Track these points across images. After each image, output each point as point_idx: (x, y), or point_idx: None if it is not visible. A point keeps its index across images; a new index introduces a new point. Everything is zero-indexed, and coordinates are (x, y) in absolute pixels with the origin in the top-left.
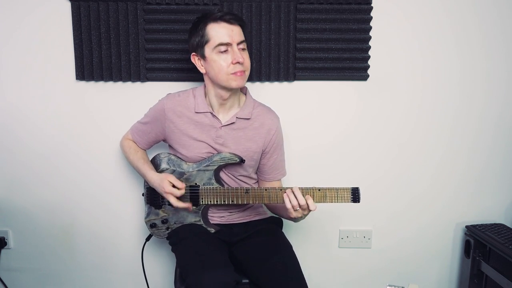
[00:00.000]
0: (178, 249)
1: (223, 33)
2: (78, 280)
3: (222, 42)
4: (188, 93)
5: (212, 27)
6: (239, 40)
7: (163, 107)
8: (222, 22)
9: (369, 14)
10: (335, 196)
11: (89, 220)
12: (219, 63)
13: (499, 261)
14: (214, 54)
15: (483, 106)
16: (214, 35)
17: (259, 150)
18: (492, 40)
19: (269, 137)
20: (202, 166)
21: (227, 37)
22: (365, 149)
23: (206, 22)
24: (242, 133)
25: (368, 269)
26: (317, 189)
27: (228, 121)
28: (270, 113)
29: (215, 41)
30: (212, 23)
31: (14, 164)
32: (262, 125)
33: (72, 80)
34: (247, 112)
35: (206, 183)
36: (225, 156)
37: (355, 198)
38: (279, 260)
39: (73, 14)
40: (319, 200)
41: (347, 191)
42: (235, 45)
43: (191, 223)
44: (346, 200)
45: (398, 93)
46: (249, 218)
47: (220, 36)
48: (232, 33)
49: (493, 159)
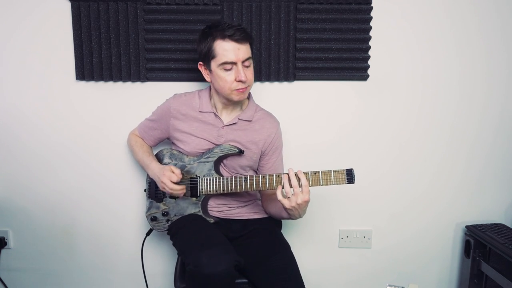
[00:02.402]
0: (178, 238)
1: (230, 52)
2: (78, 280)
3: (227, 61)
4: (194, 94)
5: (220, 44)
6: (245, 58)
7: (169, 106)
8: (230, 41)
9: (369, 14)
10: (329, 179)
11: (89, 220)
12: (224, 79)
13: (499, 261)
14: (219, 70)
15: (483, 106)
16: (220, 52)
17: (258, 151)
18: (492, 40)
19: (268, 139)
20: (202, 158)
21: (233, 56)
22: (365, 149)
23: (214, 36)
24: (243, 134)
25: (368, 269)
26: (313, 172)
27: (230, 122)
28: (271, 117)
29: (221, 59)
30: (220, 40)
31: (14, 164)
32: (262, 128)
33: (72, 80)
34: (249, 115)
35: (207, 174)
36: (224, 147)
37: (350, 179)
38: (277, 261)
39: (73, 14)
40: (315, 183)
41: (342, 172)
42: (240, 63)
43: (190, 214)
44: (341, 181)
45: (398, 93)
46: (248, 216)
47: (226, 55)
48: (238, 52)
49: (493, 159)
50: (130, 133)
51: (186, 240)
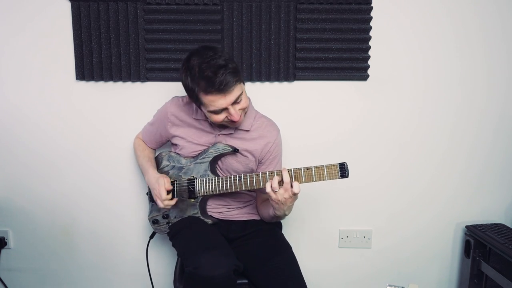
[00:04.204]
0: (177, 239)
1: (217, 102)
2: (78, 280)
3: (216, 110)
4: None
5: (205, 97)
6: (234, 100)
7: (166, 110)
8: (216, 94)
9: (369, 14)
10: (323, 174)
11: (89, 220)
12: (215, 118)
13: (499, 261)
14: (209, 113)
15: (483, 106)
16: (207, 103)
17: (255, 159)
18: (492, 40)
19: (266, 148)
20: (198, 159)
21: (222, 104)
22: (365, 149)
23: (199, 87)
24: (239, 142)
25: (368, 269)
26: (305, 168)
27: (226, 131)
28: (270, 125)
29: (209, 108)
30: (203, 94)
31: (14, 164)
32: (260, 136)
33: (72, 80)
34: (247, 124)
35: (203, 174)
36: (219, 147)
37: (344, 173)
38: (279, 261)
39: (73, 14)
40: (308, 179)
41: (335, 167)
42: (230, 106)
43: (189, 216)
44: (335, 176)
45: (398, 93)
46: (248, 217)
47: (214, 105)
48: (226, 99)
49: (493, 159)
50: (136, 136)
51: (185, 242)
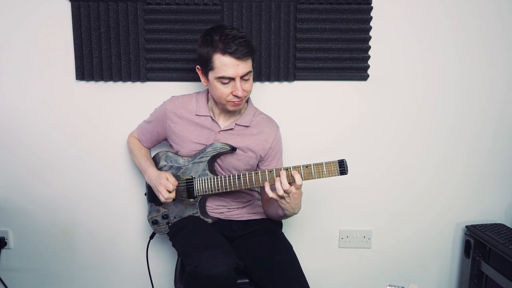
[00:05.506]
0: (177, 239)
1: (229, 68)
2: (78, 280)
3: (225, 76)
4: (191, 97)
5: (219, 58)
6: (244, 73)
7: (165, 108)
8: (231, 57)
9: (369, 14)
10: (322, 171)
11: (89, 220)
12: (220, 91)
13: (499, 261)
14: (216, 81)
15: (483, 106)
16: (219, 66)
17: (255, 156)
18: (492, 40)
19: (267, 145)
20: (196, 158)
21: (232, 72)
22: (365, 149)
23: (215, 48)
24: (240, 139)
25: (368, 269)
26: (304, 166)
27: (227, 127)
28: (269, 122)
29: (219, 73)
30: (220, 54)
31: (14, 164)
32: (260, 133)
33: (72, 80)
34: (246, 120)
35: (201, 174)
36: (216, 146)
37: (343, 170)
38: (280, 260)
39: (73, 14)
40: (307, 176)
41: (334, 164)
42: (238, 78)
43: (189, 216)
44: (334, 173)
45: (398, 93)
46: (249, 217)
47: (225, 70)
48: (238, 68)
49: (493, 159)
50: (129, 135)
51: (186, 241)
